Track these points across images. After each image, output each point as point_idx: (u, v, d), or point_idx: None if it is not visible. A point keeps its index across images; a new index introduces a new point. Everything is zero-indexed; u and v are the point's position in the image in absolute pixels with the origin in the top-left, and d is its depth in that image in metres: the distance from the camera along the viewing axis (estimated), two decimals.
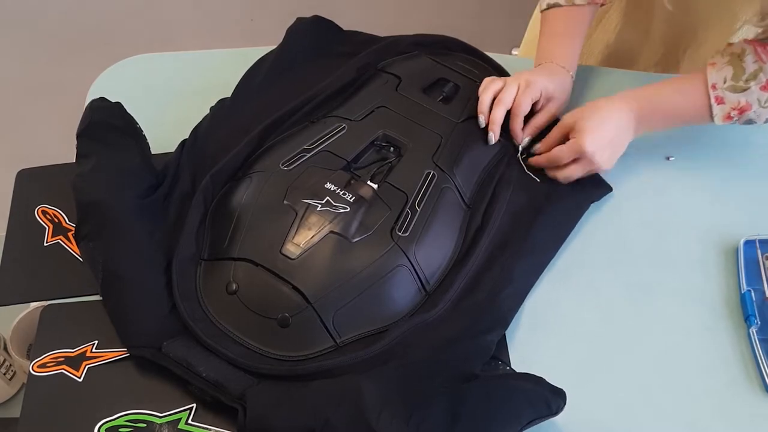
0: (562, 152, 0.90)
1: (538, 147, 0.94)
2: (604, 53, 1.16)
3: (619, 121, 0.89)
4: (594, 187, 0.93)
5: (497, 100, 0.93)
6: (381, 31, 1.09)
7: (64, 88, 1.79)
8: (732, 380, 0.80)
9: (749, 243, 0.88)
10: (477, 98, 0.95)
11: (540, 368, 0.75)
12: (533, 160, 0.94)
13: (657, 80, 0.94)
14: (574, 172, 0.91)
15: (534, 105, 0.95)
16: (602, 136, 0.88)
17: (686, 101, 0.90)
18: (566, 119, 0.91)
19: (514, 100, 0.93)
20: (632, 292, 0.86)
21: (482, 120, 0.93)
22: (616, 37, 1.14)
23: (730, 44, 0.90)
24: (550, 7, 0.99)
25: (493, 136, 0.93)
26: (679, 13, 1.06)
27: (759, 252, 0.88)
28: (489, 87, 0.93)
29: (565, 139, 0.91)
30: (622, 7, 1.12)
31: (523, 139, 0.95)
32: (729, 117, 0.88)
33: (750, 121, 0.89)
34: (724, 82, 0.87)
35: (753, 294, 0.84)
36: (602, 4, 1.02)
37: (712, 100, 0.87)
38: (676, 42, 1.11)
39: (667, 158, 0.98)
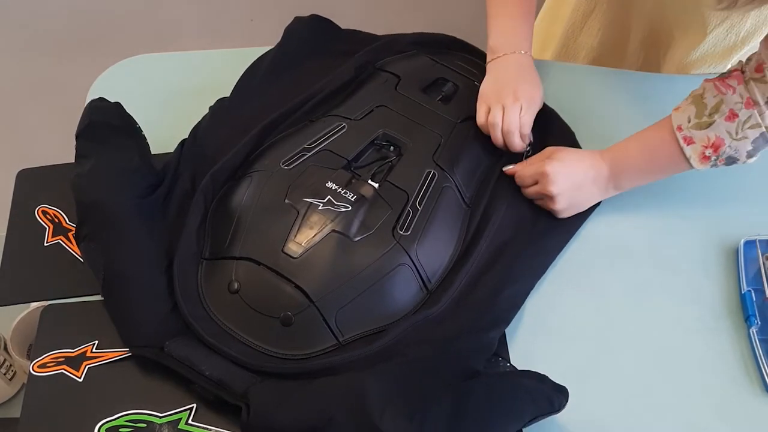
0: (532, 189, 0.90)
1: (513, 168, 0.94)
2: (588, 58, 1.16)
3: (586, 176, 0.89)
4: None
5: (508, 131, 0.92)
6: (380, 30, 1.09)
7: (64, 88, 1.79)
8: (732, 380, 0.80)
9: (749, 243, 0.88)
10: (476, 98, 0.95)
11: (540, 367, 0.75)
12: (507, 169, 0.94)
13: (643, 79, 0.92)
14: (528, 192, 0.92)
15: None
16: (567, 184, 0.88)
17: (657, 153, 0.88)
18: (545, 154, 0.91)
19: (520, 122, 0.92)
20: (633, 292, 0.86)
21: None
22: (599, 41, 1.15)
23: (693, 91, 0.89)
24: None
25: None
26: (656, 11, 1.06)
27: (759, 252, 0.88)
28: (495, 123, 0.93)
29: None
30: (603, 10, 1.12)
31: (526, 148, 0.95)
32: (705, 157, 0.84)
33: (731, 159, 0.84)
34: (689, 121, 0.84)
35: (753, 294, 0.85)
36: None
37: (681, 142, 0.84)
38: (656, 44, 1.11)
39: None
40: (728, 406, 0.78)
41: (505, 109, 0.92)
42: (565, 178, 0.88)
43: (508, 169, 0.93)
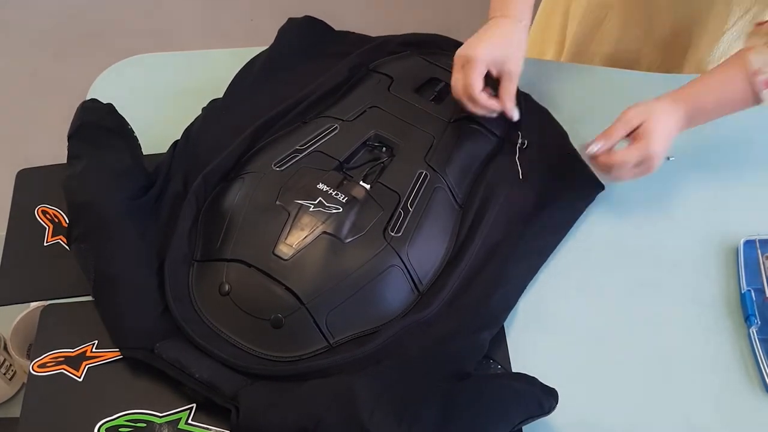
0: (630, 156, 0.85)
1: (599, 145, 0.87)
2: (601, 63, 1.16)
3: (677, 126, 0.87)
4: (587, 186, 0.93)
5: (461, 97, 0.90)
6: (375, 31, 1.09)
7: (64, 88, 1.79)
8: (732, 380, 0.80)
9: (749, 243, 0.88)
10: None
11: (539, 367, 0.75)
12: (600, 160, 0.87)
13: (659, 81, 0.92)
14: (628, 174, 0.87)
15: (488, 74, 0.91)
16: (668, 140, 0.85)
17: (731, 95, 0.87)
18: (631, 118, 0.86)
19: (464, 87, 0.89)
20: (632, 292, 0.86)
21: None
22: (615, 48, 1.14)
23: (759, 24, 0.89)
24: None
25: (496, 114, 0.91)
26: (678, 8, 1.05)
27: (759, 252, 0.88)
28: (455, 86, 0.90)
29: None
30: (617, 15, 1.11)
31: (512, 111, 0.91)
32: None
33: None
34: (762, 57, 0.84)
35: (753, 294, 0.84)
36: None
37: (760, 86, 0.84)
38: (675, 45, 1.10)
39: (667, 158, 0.98)
40: (728, 406, 0.78)
41: (453, 73, 0.90)
42: (667, 134, 0.85)
43: (602, 159, 0.87)
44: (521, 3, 0.93)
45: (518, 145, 0.93)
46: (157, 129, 0.97)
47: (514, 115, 0.91)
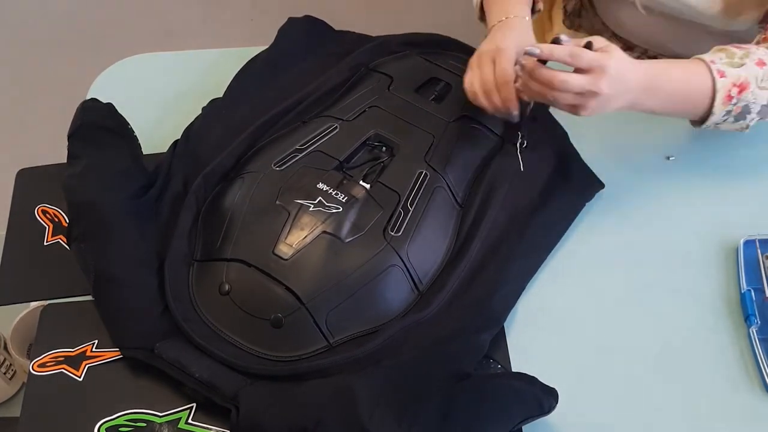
0: (576, 81, 0.78)
1: (539, 49, 0.79)
2: None
3: (632, 84, 0.82)
4: (587, 185, 0.93)
5: (488, 90, 0.87)
6: (375, 31, 1.09)
7: (64, 88, 1.79)
8: (732, 380, 0.80)
9: (749, 243, 0.88)
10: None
11: (539, 367, 0.75)
12: (542, 72, 0.79)
13: None
14: (563, 99, 0.80)
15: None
16: (618, 88, 0.80)
17: (691, 82, 0.85)
18: (598, 47, 0.80)
19: (496, 73, 0.86)
20: (632, 292, 0.86)
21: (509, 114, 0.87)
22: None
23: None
24: None
25: (516, 113, 0.87)
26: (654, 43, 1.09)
27: (759, 252, 0.88)
28: (470, 83, 0.88)
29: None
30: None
31: (529, 104, 0.88)
32: (729, 97, 0.84)
33: (746, 110, 0.86)
34: (721, 60, 0.85)
35: (753, 294, 0.84)
36: None
37: (714, 74, 0.84)
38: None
39: (667, 158, 0.98)
40: (728, 406, 0.78)
41: (480, 67, 0.88)
42: (619, 83, 0.79)
43: (537, 53, 0.78)
44: (520, 2, 0.93)
45: (518, 143, 0.93)
46: (157, 129, 0.97)
47: (516, 110, 0.88)
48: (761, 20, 0.95)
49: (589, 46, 0.79)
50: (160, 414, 0.75)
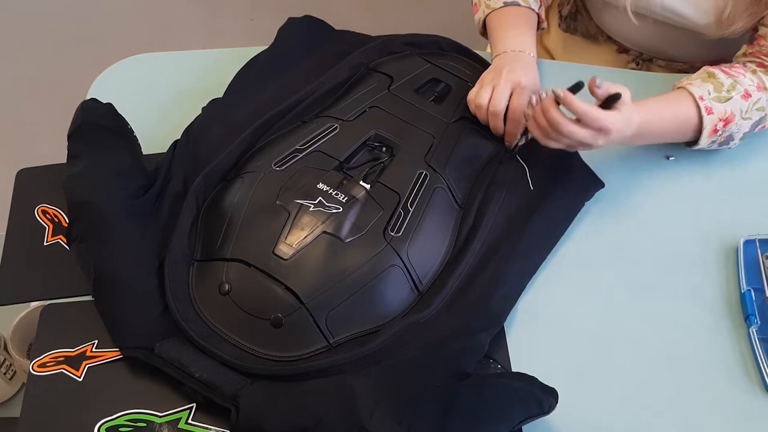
0: (582, 135, 0.83)
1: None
2: None
3: (627, 134, 0.87)
4: (588, 183, 0.93)
5: (492, 112, 0.91)
6: (375, 31, 1.09)
7: (63, 88, 1.80)
8: (732, 380, 0.80)
9: (749, 243, 0.88)
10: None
11: (539, 367, 0.75)
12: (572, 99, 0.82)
13: (660, 80, 0.94)
14: (564, 143, 0.85)
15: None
16: (627, 126, 0.85)
17: (682, 123, 0.91)
18: (612, 87, 0.84)
19: (510, 105, 0.92)
20: (632, 292, 0.86)
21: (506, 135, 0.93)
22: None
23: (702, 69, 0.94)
24: (507, 5, 1.01)
25: (510, 145, 0.94)
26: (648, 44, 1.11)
27: (759, 252, 0.88)
28: (481, 97, 0.92)
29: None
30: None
31: (519, 138, 0.93)
32: (714, 131, 0.90)
33: (728, 139, 0.92)
34: (709, 94, 0.90)
35: (753, 294, 0.84)
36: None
37: (703, 111, 0.89)
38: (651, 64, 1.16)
39: (667, 158, 0.98)
40: (728, 406, 0.78)
41: (495, 89, 0.92)
42: (616, 139, 0.85)
43: (568, 95, 0.82)
44: (533, 44, 0.99)
45: (517, 141, 0.93)
46: (157, 129, 0.97)
47: (513, 142, 0.94)
48: (752, 29, 0.96)
49: (616, 97, 0.83)
50: (160, 414, 0.74)
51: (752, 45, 0.94)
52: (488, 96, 0.92)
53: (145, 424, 0.74)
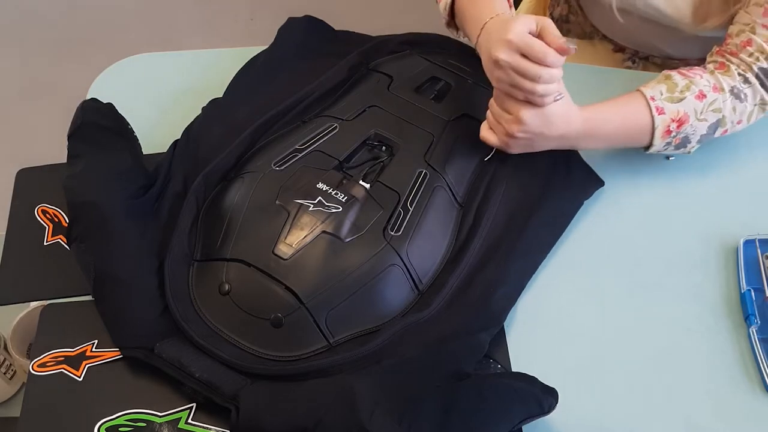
0: (502, 119, 0.84)
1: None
2: None
3: (558, 129, 0.86)
4: (587, 182, 0.93)
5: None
6: (376, 31, 1.09)
7: (64, 88, 1.80)
8: (732, 380, 0.80)
9: (749, 243, 0.88)
10: (469, 97, 0.95)
11: (539, 366, 0.75)
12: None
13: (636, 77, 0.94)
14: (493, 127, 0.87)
15: None
16: (542, 126, 0.84)
17: (629, 122, 0.90)
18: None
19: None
20: (632, 292, 0.86)
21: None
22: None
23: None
24: None
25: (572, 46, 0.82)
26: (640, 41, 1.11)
27: (759, 252, 0.88)
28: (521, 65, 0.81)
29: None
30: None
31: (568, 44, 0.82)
32: (668, 132, 0.89)
33: (685, 141, 0.91)
34: (661, 95, 0.88)
35: (753, 294, 0.84)
36: None
37: (654, 111, 0.88)
38: (648, 61, 1.16)
39: (667, 158, 0.98)
40: (728, 406, 0.78)
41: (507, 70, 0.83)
42: (537, 127, 0.84)
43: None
44: (502, 3, 0.90)
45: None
46: (157, 129, 0.97)
47: (572, 48, 0.82)
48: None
49: None
50: (160, 414, 0.74)
51: (721, 44, 0.94)
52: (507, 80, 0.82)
53: (145, 424, 0.74)
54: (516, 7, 1.30)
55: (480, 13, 0.89)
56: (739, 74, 0.89)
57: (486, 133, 0.90)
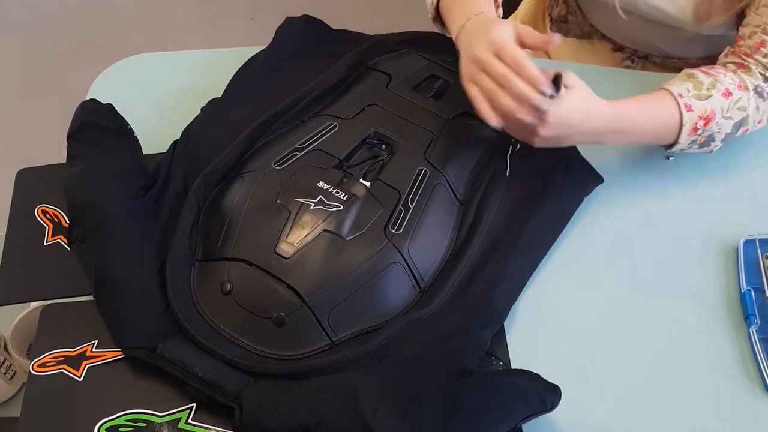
0: (536, 101, 0.78)
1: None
2: None
3: (587, 128, 0.84)
4: (587, 178, 0.93)
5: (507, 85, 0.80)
6: (375, 31, 1.09)
7: (63, 88, 1.80)
8: (732, 380, 0.80)
9: (749, 243, 0.88)
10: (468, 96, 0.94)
11: (539, 365, 0.75)
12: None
13: (658, 80, 0.94)
14: (515, 111, 0.79)
15: None
16: (570, 125, 0.82)
17: (658, 120, 0.89)
18: (569, 79, 0.81)
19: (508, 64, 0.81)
20: (632, 292, 0.86)
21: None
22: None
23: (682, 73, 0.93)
24: None
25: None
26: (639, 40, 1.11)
27: (759, 252, 0.88)
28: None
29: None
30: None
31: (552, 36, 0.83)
32: (694, 129, 0.88)
33: (709, 139, 0.90)
34: (688, 92, 0.88)
35: (753, 294, 0.84)
36: None
37: (682, 108, 0.87)
38: (647, 61, 1.15)
39: (667, 158, 0.98)
40: (728, 406, 0.78)
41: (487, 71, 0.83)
42: (563, 132, 0.82)
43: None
44: (486, 2, 0.90)
45: (509, 150, 0.93)
46: (157, 129, 0.97)
47: (556, 38, 0.82)
48: (735, 26, 0.96)
49: (557, 79, 0.80)
50: (160, 414, 0.74)
51: (734, 46, 0.94)
52: (487, 82, 0.81)
53: (145, 424, 0.74)
54: (515, 9, 1.31)
55: (464, 8, 0.89)
56: (760, 74, 0.90)
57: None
